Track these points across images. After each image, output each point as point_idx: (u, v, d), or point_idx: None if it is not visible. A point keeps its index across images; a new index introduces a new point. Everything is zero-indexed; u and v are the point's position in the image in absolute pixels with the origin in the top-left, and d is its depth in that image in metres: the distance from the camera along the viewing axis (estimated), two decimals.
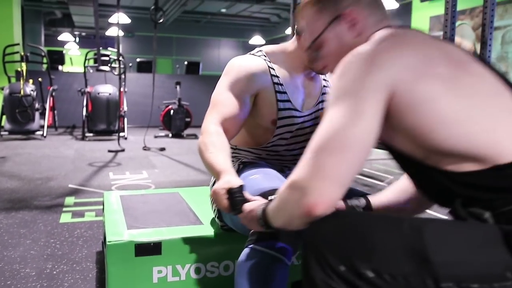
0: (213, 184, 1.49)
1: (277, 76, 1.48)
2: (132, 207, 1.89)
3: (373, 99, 0.83)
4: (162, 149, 6.10)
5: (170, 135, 7.69)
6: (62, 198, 3.25)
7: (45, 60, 7.78)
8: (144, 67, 9.69)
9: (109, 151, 5.76)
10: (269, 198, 1.15)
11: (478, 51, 3.31)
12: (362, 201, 1.22)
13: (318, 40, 1.05)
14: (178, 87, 7.83)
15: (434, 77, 0.85)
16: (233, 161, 1.59)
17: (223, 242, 1.60)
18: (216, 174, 1.32)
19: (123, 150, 5.84)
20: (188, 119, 7.80)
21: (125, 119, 7.27)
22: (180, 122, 7.64)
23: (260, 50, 1.55)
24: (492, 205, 0.80)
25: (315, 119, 1.54)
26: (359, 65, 0.85)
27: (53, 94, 7.68)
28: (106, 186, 3.69)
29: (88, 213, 2.87)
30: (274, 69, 1.48)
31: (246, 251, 1.22)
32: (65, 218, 2.74)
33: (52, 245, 2.26)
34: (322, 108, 1.56)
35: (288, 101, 1.48)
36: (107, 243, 1.49)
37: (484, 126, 0.82)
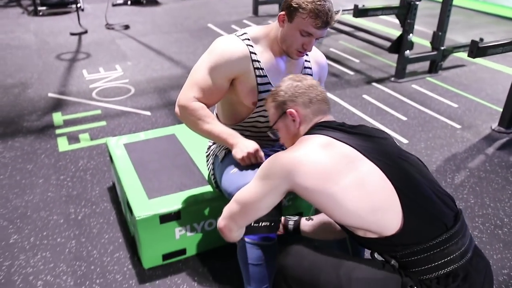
0: (221, 160, 1.77)
1: (258, 61, 1.63)
2: (142, 164, 2.13)
3: (275, 190, 1.26)
4: (126, 27, 5.90)
5: (129, 2, 7.27)
6: (49, 115, 3.36)
7: None
8: None
9: (71, 34, 5.54)
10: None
11: None
12: (296, 223, 1.61)
13: (274, 126, 1.47)
14: None
15: (332, 181, 1.19)
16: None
17: (227, 199, 1.93)
18: (226, 139, 1.64)
19: (86, 32, 5.63)
20: None
21: None
22: None
23: (245, 33, 1.67)
24: (395, 255, 1.19)
25: None
26: (278, 167, 1.24)
27: None
28: (86, 93, 3.77)
29: (82, 135, 3.05)
30: (256, 54, 1.63)
31: (240, 242, 1.57)
32: (63, 145, 2.93)
33: (64, 183, 2.52)
34: None
35: (268, 83, 1.66)
36: (137, 218, 1.78)
37: (370, 210, 1.18)
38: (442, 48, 4.16)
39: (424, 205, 1.19)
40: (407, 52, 3.98)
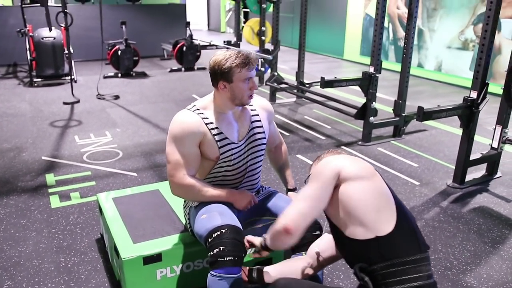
0: (194, 207, 2.05)
1: (211, 123, 1.97)
2: (128, 214, 2.39)
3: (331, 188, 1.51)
4: (116, 97, 6.33)
5: (120, 74, 7.80)
6: (42, 176, 3.63)
7: None
8: None
9: (64, 103, 5.93)
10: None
11: None
12: (259, 270, 1.82)
13: None
14: (124, 27, 7.76)
15: (356, 181, 1.47)
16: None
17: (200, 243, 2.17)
18: (225, 197, 2.00)
19: (78, 101, 6.02)
20: (136, 58, 7.88)
21: (73, 62, 7.24)
22: (128, 62, 7.73)
23: (195, 105, 2.03)
24: (375, 268, 1.43)
25: (249, 144, 2.07)
26: (328, 169, 1.53)
27: None
28: (78, 156, 4.06)
29: (73, 193, 3.31)
30: (208, 118, 1.98)
31: (209, 276, 1.79)
32: (55, 202, 3.17)
33: (55, 235, 2.74)
34: (253, 134, 2.07)
35: (226, 138, 1.99)
36: (123, 259, 2.02)
37: (372, 209, 1.44)
38: (404, 114, 4.62)
39: (410, 224, 1.47)
40: (371, 118, 4.41)
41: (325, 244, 1.74)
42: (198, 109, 2.00)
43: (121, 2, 10.50)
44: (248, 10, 12.01)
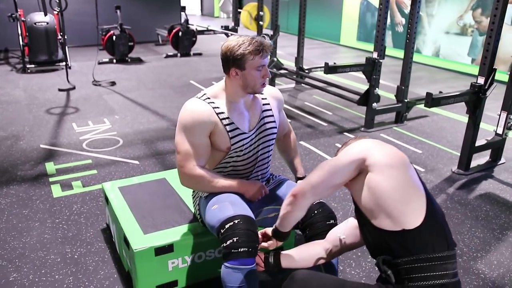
0: (204, 197, 2.01)
1: (222, 112, 1.90)
2: (136, 204, 2.34)
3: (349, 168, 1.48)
4: (113, 83, 6.22)
5: (115, 60, 7.66)
6: (42, 164, 3.55)
7: None
8: None
9: (60, 90, 5.81)
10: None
11: None
12: (276, 255, 1.75)
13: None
14: (118, 11, 7.60)
15: (384, 169, 1.42)
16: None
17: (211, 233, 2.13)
18: (236, 188, 1.95)
19: (74, 88, 5.91)
20: (131, 43, 7.74)
21: (67, 48, 7.08)
22: (123, 48, 7.59)
23: (205, 93, 1.95)
24: (400, 261, 1.39)
25: (260, 133, 2.00)
26: (353, 151, 1.51)
27: None
28: (77, 144, 3.98)
29: (75, 182, 3.24)
30: (219, 107, 1.90)
31: (223, 268, 1.75)
32: (56, 191, 3.11)
33: (59, 225, 2.68)
34: (264, 124, 2.00)
35: (237, 128, 1.92)
36: (134, 250, 1.97)
37: (401, 200, 1.40)
38: (406, 100, 4.59)
39: (439, 220, 1.42)
40: (374, 104, 4.37)
41: (348, 229, 1.70)
42: (208, 98, 1.92)
43: None
44: None
